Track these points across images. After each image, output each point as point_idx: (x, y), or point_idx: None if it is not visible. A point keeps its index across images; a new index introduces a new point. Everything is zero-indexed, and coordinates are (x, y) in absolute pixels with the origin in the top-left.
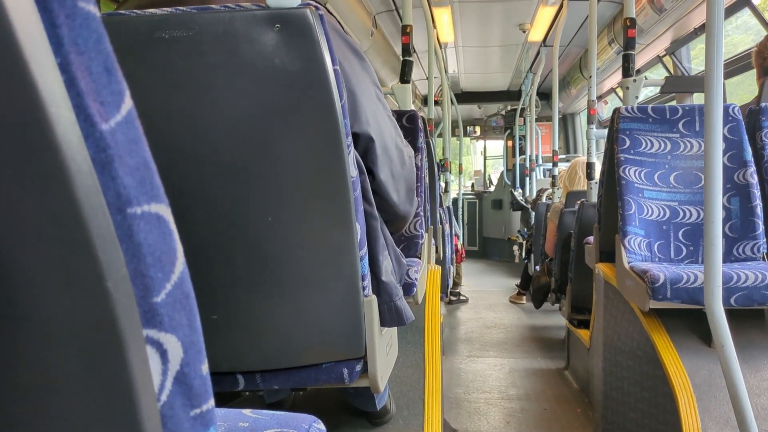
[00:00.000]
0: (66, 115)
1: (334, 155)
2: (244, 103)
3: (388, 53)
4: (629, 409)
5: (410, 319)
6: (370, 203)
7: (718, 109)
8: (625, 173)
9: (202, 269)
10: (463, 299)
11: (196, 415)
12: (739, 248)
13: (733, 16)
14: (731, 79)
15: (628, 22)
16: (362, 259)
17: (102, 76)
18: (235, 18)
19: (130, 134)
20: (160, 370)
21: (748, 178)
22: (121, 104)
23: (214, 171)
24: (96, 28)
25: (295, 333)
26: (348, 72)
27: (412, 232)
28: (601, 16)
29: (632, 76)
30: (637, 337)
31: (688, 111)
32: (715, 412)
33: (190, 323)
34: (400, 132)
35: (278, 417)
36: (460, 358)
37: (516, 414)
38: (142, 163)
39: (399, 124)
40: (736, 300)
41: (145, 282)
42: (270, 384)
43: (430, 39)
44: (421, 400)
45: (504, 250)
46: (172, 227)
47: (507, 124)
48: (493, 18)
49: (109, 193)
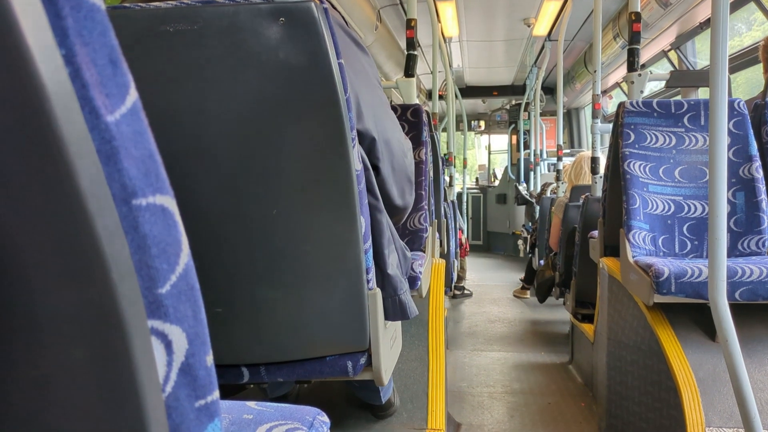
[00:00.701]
0: (71, 107)
1: (339, 149)
2: (248, 96)
3: (393, 47)
4: (633, 404)
5: (414, 314)
6: (375, 197)
7: (723, 103)
8: (629, 167)
9: (206, 261)
10: (467, 293)
11: (200, 406)
12: (744, 243)
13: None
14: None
15: (633, 16)
16: (367, 253)
17: (107, 68)
18: (239, 11)
19: (135, 126)
20: (165, 361)
21: (753, 172)
22: (126, 96)
23: (218, 164)
24: (101, 20)
25: (299, 326)
26: (351, 66)
27: (417, 226)
28: (606, 10)
29: (637, 71)
30: (642, 331)
31: (693, 105)
32: (718, 407)
33: (194, 314)
34: (399, 125)
35: (282, 409)
36: (464, 352)
37: (520, 408)
38: (148, 154)
39: (403, 118)
40: (740, 294)
41: (150, 273)
42: (274, 376)
43: (434, 33)
44: (425, 394)
45: (508, 245)
46: (177, 219)
47: (511, 118)
48: (498, 12)
49: (115, 184)
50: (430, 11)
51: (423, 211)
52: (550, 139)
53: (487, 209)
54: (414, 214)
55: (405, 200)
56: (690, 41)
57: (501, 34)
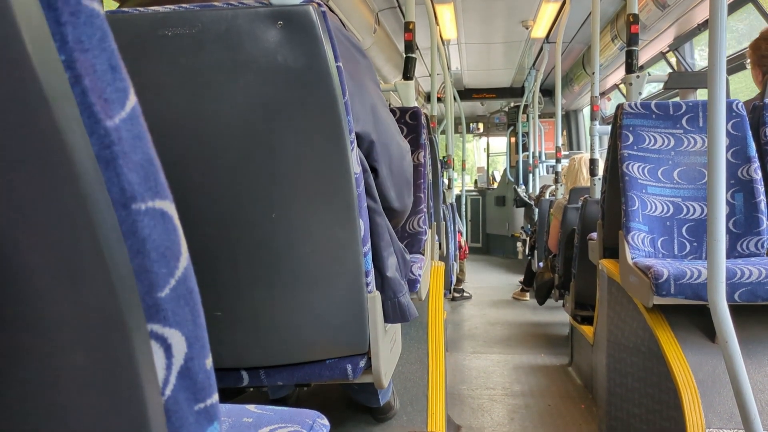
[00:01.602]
0: (71, 112)
1: (337, 152)
2: (247, 100)
3: (391, 50)
4: (633, 405)
5: (414, 316)
6: (374, 200)
7: (721, 104)
8: (628, 169)
9: (205, 265)
10: (467, 296)
11: (200, 410)
12: (743, 244)
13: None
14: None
15: (631, 18)
16: (366, 256)
17: (106, 74)
18: (237, 15)
19: (134, 131)
20: (165, 364)
21: (751, 173)
22: (125, 101)
23: (217, 168)
24: (100, 25)
25: (298, 329)
26: (349, 70)
27: (416, 229)
28: (604, 12)
29: (635, 72)
30: (641, 333)
31: (691, 107)
32: (718, 408)
33: (193, 318)
34: (397, 127)
35: (282, 412)
36: (463, 355)
37: (520, 410)
38: (147, 159)
39: (402, 121)
40: (739, 296)
41: (149, 277)
42: (274, 380)
43: (432, 36)
44: (424, 396)
45: (507, 247)
46: (177, 223)
47: (510, 120)
48: (496, 14)
49: (114, 189)
50: (429, 14)
51: (422, 213)
52: (548, 141)
53: (486, 212)
54: (413, 217)
55: (403, 203)
56: (688, 43)
57: (499, 36)
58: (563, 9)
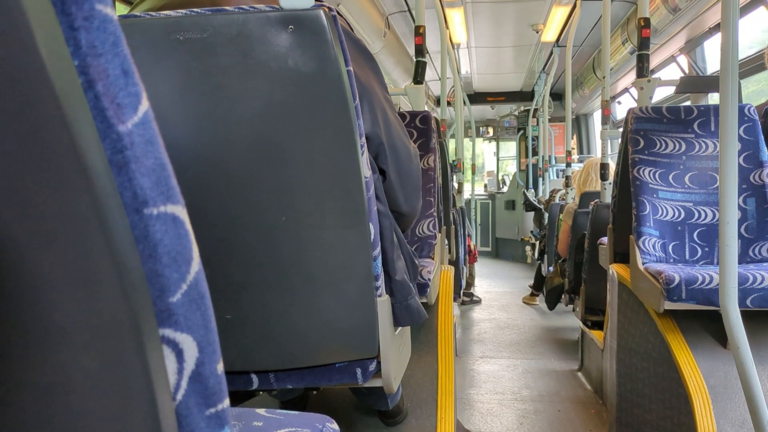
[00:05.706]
0: (84, 117)
1: (348, 156)
2: (258, 104)
3: (401, 54)
4: (644, 411)
5: (424, 318)
6: (383, 203)
7: (734, 109)
8: (639, 174)
9: (216, 269)
10: (476, 300)
11: (211, 415)
12: (755, 249)
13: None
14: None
15: (642, 21)
16: (376, 259)
17: (119, 79)
18: (248, 20)
19: (146, 135)
20: (176, 369)
21: (764, 178)
22: (138, 106)
23: (228, 172)
24: (113, 30)
25: (308, 333)
26: (358, 74)
27: (425, 233)
28: (614, 16)
29: (646, 77)
30: (652, 338)
31: (703, 111)
32: (730, 414)
33: (205, 323)
34: (405, 131)
35: (292, 417)
36: (473, 359)
37: (529, 415)
38: (159, 164)
39: (412, 125)
40: (751, 301)
41: (161, 282)
42: (284, 383)
43: (442, 40)
44: (434, 401)
45: (517, 251)
46: (188, 228)
47: (520, 124)
48: (506, 18)
49: (126, 193)
50: (439, 18)
51: (432, 217)
52: (558, 145)
53: (495, 216)
54: (423, 221)
55: (412, 206)
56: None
57: (509, 40)
58: (574, 13)
